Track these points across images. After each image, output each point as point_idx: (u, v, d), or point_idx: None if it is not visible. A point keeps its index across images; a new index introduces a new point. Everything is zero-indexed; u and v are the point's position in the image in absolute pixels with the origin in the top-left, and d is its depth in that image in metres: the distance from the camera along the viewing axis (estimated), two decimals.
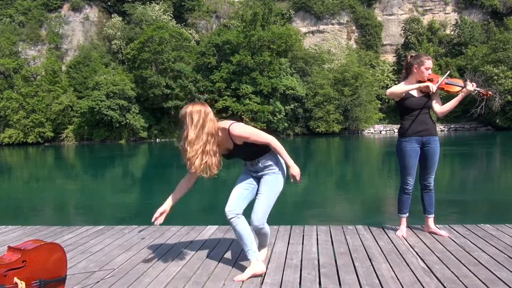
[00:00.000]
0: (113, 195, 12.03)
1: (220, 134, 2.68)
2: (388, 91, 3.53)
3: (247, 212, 2.78)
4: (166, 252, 3.28)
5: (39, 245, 2.24)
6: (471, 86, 3.45)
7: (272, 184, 2.81)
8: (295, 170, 2.71)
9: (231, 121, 2.73)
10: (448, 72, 3.77)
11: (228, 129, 2.64)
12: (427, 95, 3.51)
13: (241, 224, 2.72)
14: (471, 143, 28.90)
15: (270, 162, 2.82)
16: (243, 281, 2.60)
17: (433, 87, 3.40)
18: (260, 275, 2.67)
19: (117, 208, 9.76)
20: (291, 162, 2.73)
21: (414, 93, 3.49)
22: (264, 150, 2.80)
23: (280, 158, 2.81)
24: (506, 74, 44.43)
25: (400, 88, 3.47)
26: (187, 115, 2.60)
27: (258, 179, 2.89)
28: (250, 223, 2.76)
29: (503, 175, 13.18)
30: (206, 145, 2.60)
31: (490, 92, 3.74)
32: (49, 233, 3.99)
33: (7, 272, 2.06)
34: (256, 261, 2.69)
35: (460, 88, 3.52)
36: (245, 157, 2.88)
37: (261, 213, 2.73)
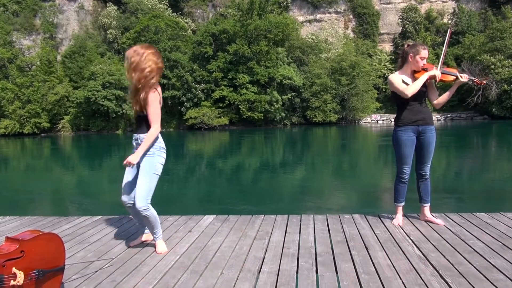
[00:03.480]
0: (110, 185, 12.04)
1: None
2: (409, 91, 3.38)
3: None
4: (164, 242, 3.30)
5: (37, 235, 2.24)
6: (464, 78, 3.46)
7: (147, 167, 2.96)
8: (130, 158, 2.87)
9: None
10: (449, 30, 3.76)
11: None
12: (423, 84, 3.51)
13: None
14: (467, 132, 29.00)
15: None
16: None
17: (438, 75, 3.42)
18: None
19: (114, 198, 9.75)
20: (139, 151, 2.91)
21: (410, 81, 3.50)
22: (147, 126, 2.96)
23: (158, 139, 3.03)
24: (503, 63, 44.37)
25: (416, 85, 3.40)
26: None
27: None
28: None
29: (498, 164, 13.26)
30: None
31: (484, 81, 3.76)
32: (47, 224, 4.00)
33: (6, 262, 2.06)
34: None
35: (454, 78, 3.53)
36: (136, 123, 3.04)
37: (140, 196, 2.91)
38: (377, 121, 50.68)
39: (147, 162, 2.95)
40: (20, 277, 2.08)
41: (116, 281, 2.53)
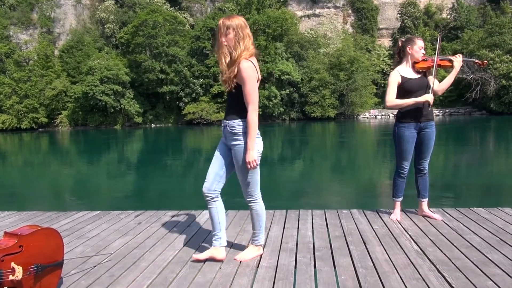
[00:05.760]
0: (109, 181, 12.04)
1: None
2: (389, 103, 3.46)
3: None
4: (162, 237, 3.30)
5: (35, 230, 2.24)
6: (459, 61, 3.49)
7: (244, 161, 2.62)
8: (250, 156, 2.56)
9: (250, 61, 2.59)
10: (439, 35, 3.79)
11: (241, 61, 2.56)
12: (425, 74, 3.53)
13: (215, 208, 2.77)
14: (465, 128, 29.04)
15: (237, 130, 2.62)
16: (222, 262, 2.70)
17: (430, 99, 3.45)
18: (219, 261, 2.70)
19: (113, 194, 9.77)
20: (252, 145, 2.56)
21: (413, 75, 3.50)
22: (239, 112, 2.62)
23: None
24: (502, 59, 44.33)
25: (399, 104, 3.47)
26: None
27: (228, 149, 2.74)
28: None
29: (496, 159, 13.30)
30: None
31: (485, 61, 3.81)
32: (46, 219, 4.00)
33: (4, 257, 2.06)
34: (219, 247, 2.75)
35: (450, 62, 3.56)
36: (227, 107, 2.72)
37: (247, 192, 2.73)
38: (376, 116, 50.66)
39: (238, 155, 2.64)
40: (19, 272, 2.08)
41: (114, 276, 2.54)
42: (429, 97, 3.41)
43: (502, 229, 3.23)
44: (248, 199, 2.75)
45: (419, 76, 3.51)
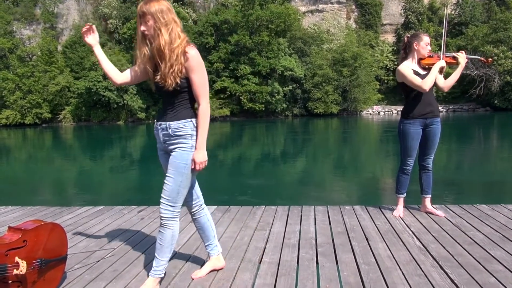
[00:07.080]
0: (112, 176, 12.08)
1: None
2: (426, 86, 3.32)
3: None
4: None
5: (39, 225, 2.25)
6: (463, 57, 3.47)
7: (179, 164, 2.23)
8: (202, 156, 2.24)
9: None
10: (445, 21, 3.77)
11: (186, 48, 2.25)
12: (430, 71, 3.51)
13: (205, 216, 2.58)
14: (469, 124, 28.92)
15: (184, 132, 2.25)
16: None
17: (445, 65, 3.45)
18: (220, 269, 2.52)
19: (116, 189, 9.81)
20: (203, 144, 2.26)
21: (419, 70, 3.49)
22: (185, 109, 2.28)
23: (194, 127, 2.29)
24: (506, 55, 44.04)
25: (432, 78, 3.35)
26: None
27: (168, 155, 2.33)
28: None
29: (500, 156, 13.24)
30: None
31: (490, 59, 3.81)
32: (49, 214, 4.02)
33: (8, 252, 2.08)
34: (217, 255, 2.54)
35: (454, 59, 3.56)
36: (167, 106, 2.32)
37: (163, 199, 2.26)
38: (379, 112, 50.52)
39: (180, 158, 2.23)
40: (23, 266, 2.09)
41: (118, 271, 2.56)
42: (444, 63, 3.44)
43: (505, 225, 3.22)
44: (163, 213, 2.22)
45: (425, 72, 3.49)
